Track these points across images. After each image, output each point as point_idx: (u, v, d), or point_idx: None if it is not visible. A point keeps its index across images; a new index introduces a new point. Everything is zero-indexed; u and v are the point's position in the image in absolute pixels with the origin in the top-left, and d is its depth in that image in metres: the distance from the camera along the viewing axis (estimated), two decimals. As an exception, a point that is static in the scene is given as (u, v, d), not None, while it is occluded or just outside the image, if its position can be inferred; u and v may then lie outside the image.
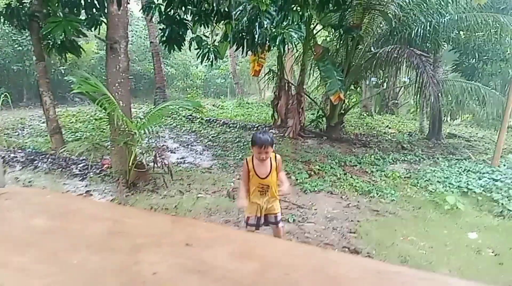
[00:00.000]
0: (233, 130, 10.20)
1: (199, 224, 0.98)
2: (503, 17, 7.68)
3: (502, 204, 5.30)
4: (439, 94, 7.76)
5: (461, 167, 7.10)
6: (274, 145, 2.90)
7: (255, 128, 10.44)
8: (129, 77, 5.62)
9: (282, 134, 9.53)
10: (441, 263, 3.62)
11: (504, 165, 7.21)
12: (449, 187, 5.97)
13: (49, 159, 6.31)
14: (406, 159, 7.69)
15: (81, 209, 0.84)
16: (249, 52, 5.83)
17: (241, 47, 5.32)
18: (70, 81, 5.06)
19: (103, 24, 5.68)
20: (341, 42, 9.34)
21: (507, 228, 4.66)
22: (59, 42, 4.99)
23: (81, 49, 6.44)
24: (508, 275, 3.48)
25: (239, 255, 0.64)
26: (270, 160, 2.92)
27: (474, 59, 9.24)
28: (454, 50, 9.56)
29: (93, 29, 5.85)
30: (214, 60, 5.76)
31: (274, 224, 3.12)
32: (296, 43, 6.05)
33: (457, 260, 3.71)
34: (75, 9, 5.64)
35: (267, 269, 0.71)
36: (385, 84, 14.85)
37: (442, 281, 1.10)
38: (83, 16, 5.91)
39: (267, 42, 4.68)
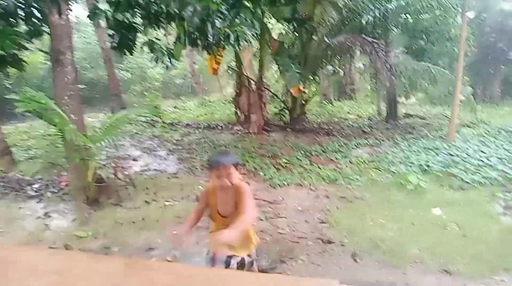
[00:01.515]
0: (197, 131, 10.02)
1: (156, 266, 0.90)
2: (445, 0, 8.06)
3: (461, 178, 5.57)
4: (393, 78, 8.04)
5: (419, 145, 7.40)
6: (238, 165, 2.17)
7: (219, 127, 10.32)
8: (82, 86, 5.32)
9: (246, 130, 9.50)
10: (411, 243, 3.75)
11: (460, 139, 7.61)
12: (410, 166, 6.20)
13: (1, 183, 5.88)
14: (368, 143, 7.92)
15: (19, 261, 0.74)
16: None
17: (196, 47, 5.20)
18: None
19: (46, 35, 5.32)
20: (296, 34, 9.41)
21: (467, 200, 4.92)
22: (-4, 58, 4.62)
23: (24, 63, 6.01)
24: (473, 246, 3.66)
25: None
26: (235, 192, 2.13)
27: (423, 41, 9.65)
28: (404, 34, 9.93)
29: (35, 40, 5.46)
30: (169, 62, 5.58)
31: (246, 267, 2.28)
32: (250, 40, 6.00)
33: (426, 238, 3.86)
34: (12, 20, 5.23)
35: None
36: (341, 71, 15.20)
37: None
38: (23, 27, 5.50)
39: (221, 41, 4.59)
